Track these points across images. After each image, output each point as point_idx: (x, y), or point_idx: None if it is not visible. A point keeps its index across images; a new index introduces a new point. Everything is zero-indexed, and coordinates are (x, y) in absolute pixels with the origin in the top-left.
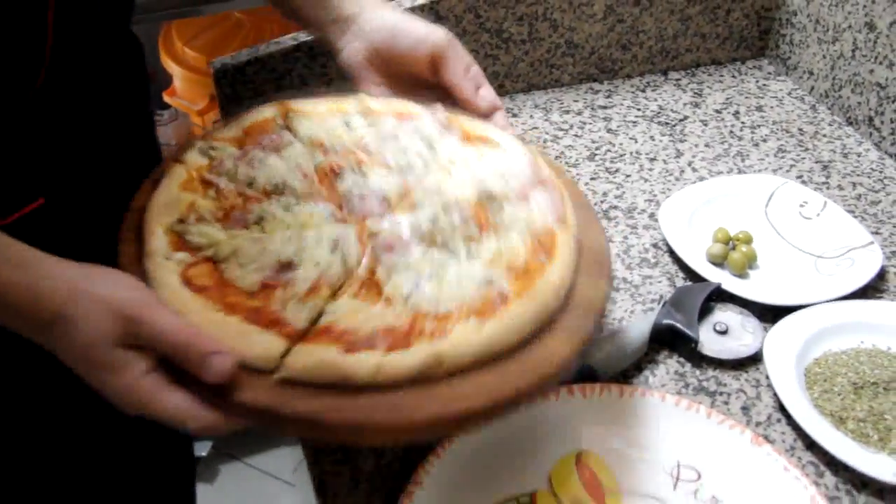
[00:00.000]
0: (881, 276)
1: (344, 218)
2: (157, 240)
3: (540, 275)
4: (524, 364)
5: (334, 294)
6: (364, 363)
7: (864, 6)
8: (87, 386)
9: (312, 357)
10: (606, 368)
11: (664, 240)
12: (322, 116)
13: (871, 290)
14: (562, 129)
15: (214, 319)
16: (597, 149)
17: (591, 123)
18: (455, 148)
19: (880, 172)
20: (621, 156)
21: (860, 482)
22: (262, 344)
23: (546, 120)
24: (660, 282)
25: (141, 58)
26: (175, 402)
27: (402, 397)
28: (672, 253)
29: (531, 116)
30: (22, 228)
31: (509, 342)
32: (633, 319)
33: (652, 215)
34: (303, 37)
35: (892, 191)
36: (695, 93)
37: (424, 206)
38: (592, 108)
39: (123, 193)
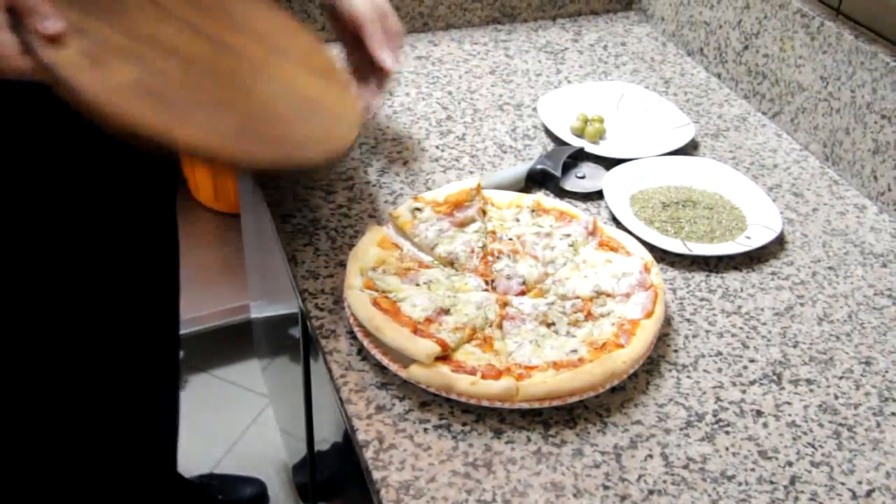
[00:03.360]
0: (694, 145)
1: (489, 289)
2: (356, 278)
3: (615, 351)
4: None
5: (469, 340)
6: (464, 380)
7: None
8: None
9: (434, 373)
10: None
11: (543, 124)
12: (502, 207)
13: (683, 152)
14: (471, 55)
15: (394, 327)
16: (497, 67)
17: (493, 51)
18: (591, 252)
19: (706, 86)
20: (514, 72)
21: (659, 256)
22: (424, 345)
23: (459, 48)
24: (537, 149)
25: None
26: (5, 40)
27: None
28: (547, 132)
29: (448, 46)
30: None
31: (578, 388)
32: (517, 167)
33: (535, 109)
34: None
35: (712, 97)
36: (575, 33)
37: (549, 295)
38: (495, 42)
39: None
